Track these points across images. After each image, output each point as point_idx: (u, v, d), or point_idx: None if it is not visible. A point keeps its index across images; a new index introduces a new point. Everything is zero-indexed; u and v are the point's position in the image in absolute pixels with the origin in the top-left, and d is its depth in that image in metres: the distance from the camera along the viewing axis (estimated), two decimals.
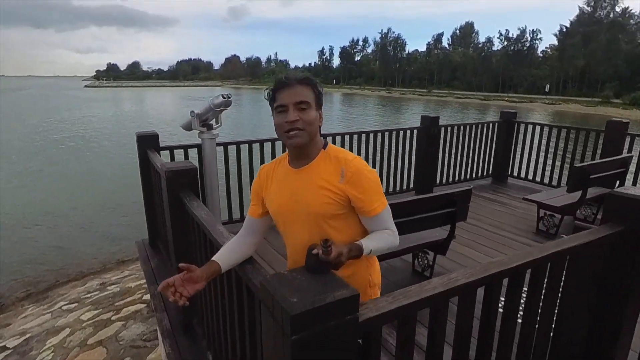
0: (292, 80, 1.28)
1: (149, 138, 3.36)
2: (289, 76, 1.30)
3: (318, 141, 1.35)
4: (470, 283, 1.18)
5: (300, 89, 1.28)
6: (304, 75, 1.31)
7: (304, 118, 1.27)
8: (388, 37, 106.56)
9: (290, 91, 1.27)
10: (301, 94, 1.27)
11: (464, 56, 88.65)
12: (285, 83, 1.28)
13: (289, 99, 1.27)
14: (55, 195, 11.78)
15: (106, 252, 8.28)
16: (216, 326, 1.90)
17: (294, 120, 1.26)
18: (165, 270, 3.09)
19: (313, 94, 1.30)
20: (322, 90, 1.35)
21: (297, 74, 1.31)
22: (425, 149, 5.21)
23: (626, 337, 1.68)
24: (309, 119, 1.27)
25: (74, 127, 27.29)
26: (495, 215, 4.56)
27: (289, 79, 1.28)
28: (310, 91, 1.29)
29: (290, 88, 1.27)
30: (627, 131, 4.79)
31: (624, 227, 1.54)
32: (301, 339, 0.82)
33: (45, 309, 6.20)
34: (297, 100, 1.26)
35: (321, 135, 1.40)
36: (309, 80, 1.30)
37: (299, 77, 1.30)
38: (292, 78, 1.29)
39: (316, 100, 1.31)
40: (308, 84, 1.30)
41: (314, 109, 1.30)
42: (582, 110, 48.05)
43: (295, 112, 1.26)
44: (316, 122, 1.31)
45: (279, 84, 1.29)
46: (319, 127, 1.35)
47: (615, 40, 61.86)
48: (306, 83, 1.29)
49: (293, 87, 1.27)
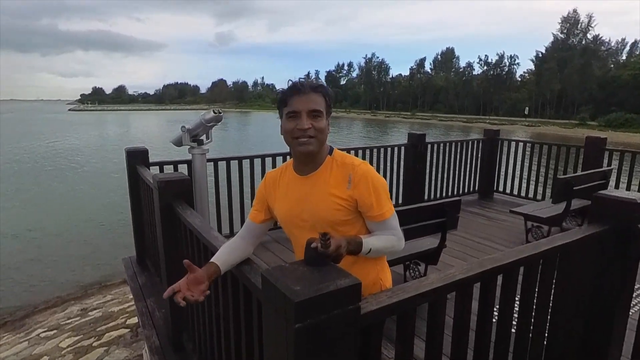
0: (307, 88, 1.27)
1: (138, 153, 3.34)
2: (304, 83, 1.29)
3: (325, 148, 1.36)
4: (467, 278, 1.20)
5: (314, 96, 1.28)
6: (319, 84, 1.31)
7: (316, 126, 1.27)
8: (372, 62, 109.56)
9: (304, 98, 1.27)
10: (315, 101, 1.27)
11: (446, 80, 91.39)
12: (299, 89, 1.27)
13: (302, 106, 1.26)
14: (34, 219, 11.45)
15: (88, 276, 8.01)
16: (209, 338, 1.85)
17: (307, 128, 1.26)
18: (154, 287, 3.01)
19: (325, 102, 1.30)
20: (333, 99, 1.35)
21: (311, 81, 1.31)
22: (413, 165, 5.29)
23: (618, 337, 1.71)
24: (320, 127, 1.28)
25: (53, 151, 26.85)
26: (483, 228, 4.63)
27: (304, 85, 1.28)
28: (322, 99, 1.30)
29: (303, 95, 1.27)
30: (605, 146, 4.97)
31: (609, 226, 1.59)
32: (305, 327, 0.81)
33: (22, 337, 5.93)
34: (310, 109, 1.26)
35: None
36: (323, 89, 1.31)
37: (314, 84, 1.30)
38: (306, 85, 1.28)
39: (327, 108, 1.31)
40: (321, 92, 1.30)
41: (325, 118, 1.30)
42: (560, 132, 49.67)
43: (308, 119, 1.26)
44: (326, 131, 1.31)
45: (292, 90, 1.28)
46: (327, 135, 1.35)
47: (588, 65, 64.87)
48: (319, 91, 1.29)
49: (307, 95, 1.27)
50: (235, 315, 1.40)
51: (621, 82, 58.40)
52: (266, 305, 0.95)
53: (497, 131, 6.07)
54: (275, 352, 0.92)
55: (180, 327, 2.33)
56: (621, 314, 1.67)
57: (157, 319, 2.67)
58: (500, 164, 5.96)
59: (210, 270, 1.28)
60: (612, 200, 1.61)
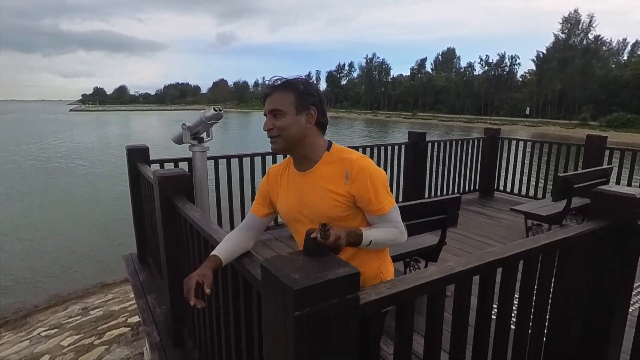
0: (270, 88, 1.30)
1: (139, 151, 3.35)
2: (269, 84, 1.31)
3: (316, 144, 1.33)
4: (466, 271, 1.20)
5: (277, 95, 1.28)
6: (282, 81, 1.30)
7: (277, 125, 1.27)
8: (373, 62, 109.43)
9: (269, 99, 1.29)
10: (276, 101, 1.27)
11: (447, 80, 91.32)
12: (265, 92, 1.31)
13: (266, 107, 1.30)
14: (36, 218, 11.47)
15: (89, 275, 8.02)
16: (209, 333, 1.85)
17: (269, 129, 1.29)
18: (154, 283, 3.02)
19: (293, 96, 1.27)
20: (313, 88, 1.31)
21: (275, 81, 1.30)
22: (413, 164, 5.29)
23: (618, 334, 1.71)
24: (282, 125, 1.27)
25: (52, 150, 26.90)
26: (484, 227, 4.63)
27: (268, 87, 1.31)
28: (289, 95, 1.27)
29: (269, 96, 1.29)
30: (605, 145, 4.97)
31: (609, 222, 1.59)
32: (304, 315, 0.81)
33: (23, 336, 5.93)
34: (270, 109, 1.29)
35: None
36: (287, 85, 1.28)
37: (275, 84, 1.30)
38: (270, 86, 1.30)
39: (297, 103, 1.27)
40: (285, 89, 1.28)
41: (292, 114, 1.27)
42: (562, 132, 49.61)
43: (271, 120, 1.28)
44: (294, 127, 1.27)
45: (263, 93, 1.33)
46: (307, 129, 1.30)
47: (589, 65, 64.75)
48: (282, 88, 1.28)
49: (271, 95, 1.29)
50: (235, 308, 1.41)
51: (622, 82, 58.33)
52: (265, 296, 0.95)
53: (497, 130, 6.06)
54: (274, 343, 0.92)
55: (180, 323, 2.33)
56: (620, 311, 1.67)
57: (157, 315, 2.68)
58: (500, 162, 5.96)
59: (214, 264, 1.28)
60: (611, 195, 1.61)
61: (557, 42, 72.97)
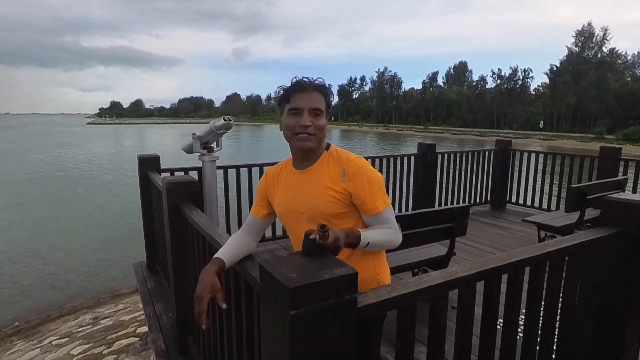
0: (310, 86, 1.31)
1: (150, 160, 3.41)
2: (308, 81, 1.32)
3: (322, 144, 1.40)
4: (469, 277, 1.18)
5: (316, 95, 1.32)
6: (321, 83, 1.35)
7: (316, 124, 1.31)
8: (385, 76, 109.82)
9: (307, 96, 1.31)
10: (317, 100, 1.32)
11: (459, 94, 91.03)
12: (303, 87, 1.31)
13: (304, 103, 1.30)
14: (50, 229, 11.67)
15: (100, 285, 8.11)
16: (212, 340, 1.85)
17: (308, 126, 1.29)
18: (162, 290, 3.03)
19: (325, 102, 1.35)
20: (333, 99, 1.40)
21: (314, 81, 1.34)
22: (423, 175, 5.26)
23: (632, 343, 1.65)
24: (320, 125, 1.32)
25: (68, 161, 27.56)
26: (495, 238, 4.56)
27: (308, 84, 1.32)
28: (323, 99, 1.34)
29: (307, 93, 1.31)
30: (620, 156, 4.87)
31: (619, 229, 1.56)
32: (300, 314, 0.81)
33: (35, 344, 5.99)
34: (312, 107, 1.30)
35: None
36: (324, 89, 1.35)
37: (317, 84, 1.33)
38: (310, 84, 1.32)
39: (327, 108, 1.36)
40: (322, 92, 1.34)
41: (324, 117, 1.34)
42: (578, 146, 48.76)
43: (310, 117, 1.30)
44: (325, 129, 1.36)
45: (295, 87, 1.32)
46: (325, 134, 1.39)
47: (604, 78, 63.88)
48: (321, 91, 1.34)
49: (309, 93, 1.31)
50: (237, 313, 1.41)
51: (639, 95, 57.29)
52: (263, 296, 0.95)
53: (509, 142, 6.02)
54: (271, 343, 0.91)
55: (185, 331, 2.33)
56: (634, 319, 1.61)
57: (164, 322, 2.68)
58: (512, 174, 5.88)
59: (218, 267, 1.28)
60: (622, 202, 1.58)
61: (571, 55, 72.29)
